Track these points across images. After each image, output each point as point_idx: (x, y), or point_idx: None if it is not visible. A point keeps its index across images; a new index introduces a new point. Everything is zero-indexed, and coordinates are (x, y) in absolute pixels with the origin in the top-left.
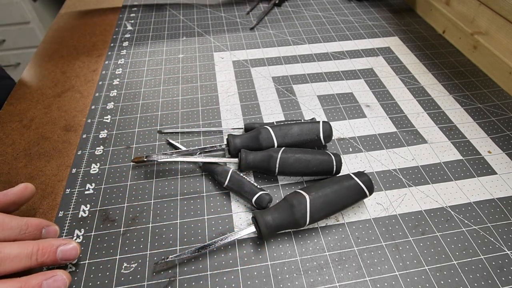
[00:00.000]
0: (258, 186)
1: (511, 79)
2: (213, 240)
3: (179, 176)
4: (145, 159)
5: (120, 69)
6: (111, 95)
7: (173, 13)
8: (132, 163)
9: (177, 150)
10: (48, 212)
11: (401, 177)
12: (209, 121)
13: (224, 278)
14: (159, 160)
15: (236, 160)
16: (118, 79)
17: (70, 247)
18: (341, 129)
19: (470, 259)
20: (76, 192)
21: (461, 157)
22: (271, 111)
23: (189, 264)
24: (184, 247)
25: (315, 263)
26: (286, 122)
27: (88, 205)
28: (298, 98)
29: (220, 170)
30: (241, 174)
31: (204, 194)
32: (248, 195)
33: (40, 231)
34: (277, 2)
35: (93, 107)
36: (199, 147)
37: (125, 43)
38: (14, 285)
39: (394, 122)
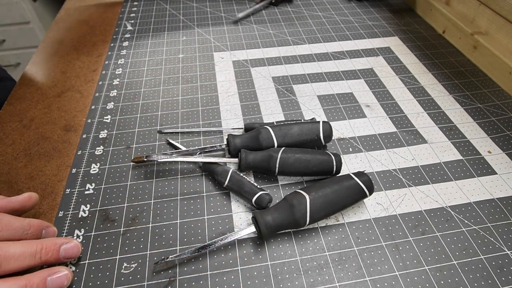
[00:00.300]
0: (258, 186)
1: (511, 79)
2: (213, 240)
3: (179, 176)
4: (145, 159)
5: (120, 69)
6: (111, 95)
7: (173, 13)
8: (132, 163)
9: (177, 150)
10: (48, 212)
11: (401, 177)
12: (209, 121)
13: (224, 278)
14: (159, 160)
15: (236, 160)
16: (118, 79)
17: (72, 245)
18: (341, 129)
19: (470, 259)
20: (76, 192)
21: (461, 157)
22: (271, 111)
23: (189, 264)
24: (184, 247)
25: (315, 263)
26: (286, 122)
27: (88, 205)
28: (298, 98)
29: (220, 170)
30: (241, 174)
31: (204, 194)
32: (248, 195)
33: (40, 231)
34: (273, 1)
35: (93, 107)
36: (199, 147)
37: (125, 43)
38: (19, 283)
39: (394, 122)
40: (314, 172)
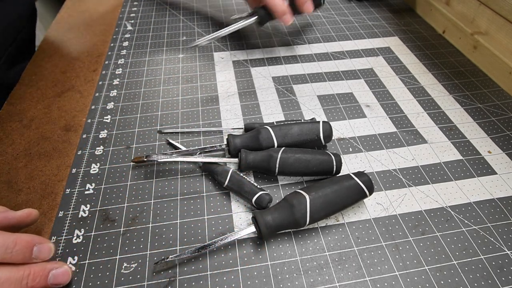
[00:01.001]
0: (258, 186)
1: (511, 79)
2: (213, 240)
3: (179, 176)
4: (145, 159)
5: (120, 69)
6: (111, 95)
7: (173, 13)
8: (132, 163)
9: (177, 150)
10: (48, 212)
11: (401, 177)
12: (209, 121)
13: (224, 278)
14: (159, 160)
15: (236, 160)
16: (118, 79)
17: (62, 270)
18: (341, 129)
19: (470, 259)
20: (76, 192)
21: (461, 157)
22: (271, 111)
23: (189, 264)
24: (184, 247)
25: (315, 263)
26: (286, 122)
27: (88, 205)
28: (298, 98)
29: (220, 170)
30: (241, 174)
31: (204, 194)
32: (248, 195)
33: (30, 249)
34: (258, 20)
35: (93, 107)
36: (199, 147)
37: (125, 43)
38: None
39: (394, 122)
40: (314, 172)
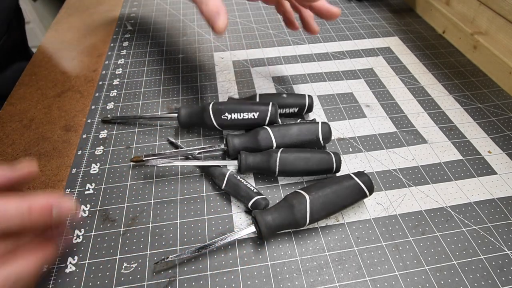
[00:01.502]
0: (255, 190)
1: (511, 79)
2: (213, 240)
3: (179, 176)
4: (144, 159)
5: (120, 69)
6: (111, 95)
7: (173, 13)
8: (132, 163)
9: (176, 150)
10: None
11: (401, 177)
12: None
13: (224, 278)
14: (158, 165)
15: (236, 162)
16: (118, 79)
17: (66, 205)
18: (341, 129)
19: (470, 259)
20: (76, 192)
21: (461, 157)
22: None
23: (189, 264)
24: (184, 247)
25: (315, 263)
26: (285, 123)
27: (88, 205)
28: None
29: (217, 173)
30: (238, 177)
31: (204, 194)
32: (244, 199)
33: (49, 212)
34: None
35: (93, 107)
36: (199, 147)
37: (125, 43)
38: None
39: (394, 122)
40: (314, 171)
